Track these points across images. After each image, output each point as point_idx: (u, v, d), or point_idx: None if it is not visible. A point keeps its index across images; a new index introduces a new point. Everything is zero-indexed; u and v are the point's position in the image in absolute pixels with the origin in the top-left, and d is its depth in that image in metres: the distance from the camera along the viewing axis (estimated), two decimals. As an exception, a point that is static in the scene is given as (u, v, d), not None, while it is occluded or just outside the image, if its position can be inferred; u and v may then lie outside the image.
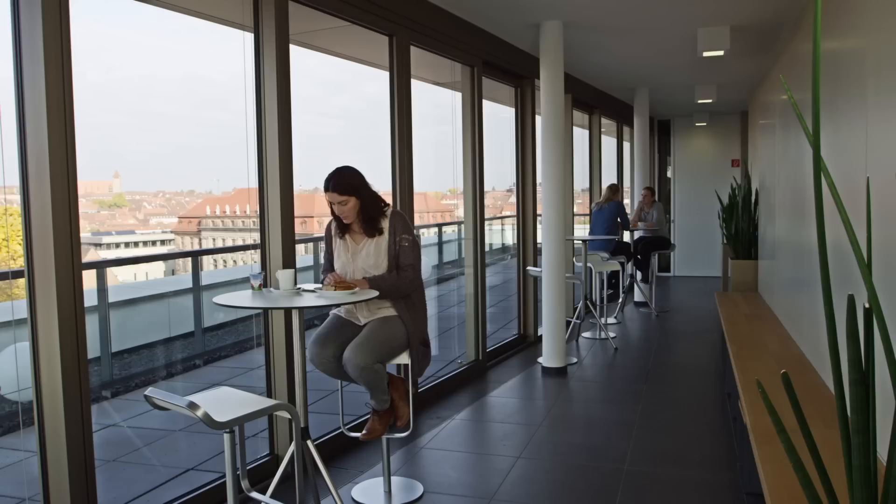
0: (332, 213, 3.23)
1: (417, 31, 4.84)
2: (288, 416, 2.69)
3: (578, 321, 7.13)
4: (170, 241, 8.62)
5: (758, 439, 2.91)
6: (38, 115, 2.57)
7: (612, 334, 7.39)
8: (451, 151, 5.97)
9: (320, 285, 3.21)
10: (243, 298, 2.99)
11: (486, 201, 6.37)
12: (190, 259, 6.91)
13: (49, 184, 2.57)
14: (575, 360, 6.35)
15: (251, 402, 2.52)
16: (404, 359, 3.26)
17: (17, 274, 2.94)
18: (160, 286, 6.59)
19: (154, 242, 8.45)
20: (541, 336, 6.20)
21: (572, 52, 6.14)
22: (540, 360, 6.09)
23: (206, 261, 6.91)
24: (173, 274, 6.83)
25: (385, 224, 3.23)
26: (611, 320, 8.23)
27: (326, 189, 3.15)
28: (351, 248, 3.26)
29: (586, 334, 7.40)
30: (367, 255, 3.22)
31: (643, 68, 8.07)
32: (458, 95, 5.87)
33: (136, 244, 8.19)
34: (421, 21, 4.86)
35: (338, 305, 3.21)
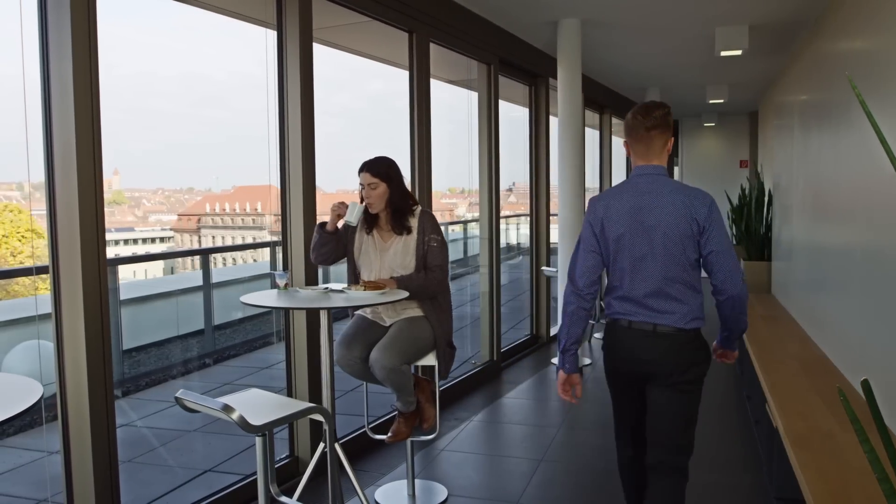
0: (361, 199, 3.20)
1: (437, 27, 4.79)
2: (319, 418, 2.64)
3: (592, 322, 7.06)
4: (169, 238, 8.56)
5: (793, 444, 2.86)
6: (65, 110, 2.52)
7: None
8: (456, 150, 5.92)
9: (346, 285, 3.16)
10: (270, 298, 2.95)
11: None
12: (190, 257, 6.86)
13: (77, 179, 2.52)
14: (588, 361, 6.29)
15: (284, 405, 2.47)
16: (430, 360, 3.22)
17: (40, 270, 2.88)
18: (167, 284, 6.52)
19: (153, 240, 8.39)
20: (554, 336, 6.15)
21: (586, 51, 6.07)
22: (554, 360, 6.04)
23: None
24: (172, 272, 6.77)
25: (414, 223, 3.19)
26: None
27: (361, 170, 3.17)
28: (379, 245, 3.22)
29: (598, 335, 7.34)
30: (394, 254, 3.17)
31: (656, 67, 8.02)
32: (467, 93, 5.82)
33: (135, 241, 8.14)
34: (440, 18, 4.82)
35: (365, 306, 3.16)
